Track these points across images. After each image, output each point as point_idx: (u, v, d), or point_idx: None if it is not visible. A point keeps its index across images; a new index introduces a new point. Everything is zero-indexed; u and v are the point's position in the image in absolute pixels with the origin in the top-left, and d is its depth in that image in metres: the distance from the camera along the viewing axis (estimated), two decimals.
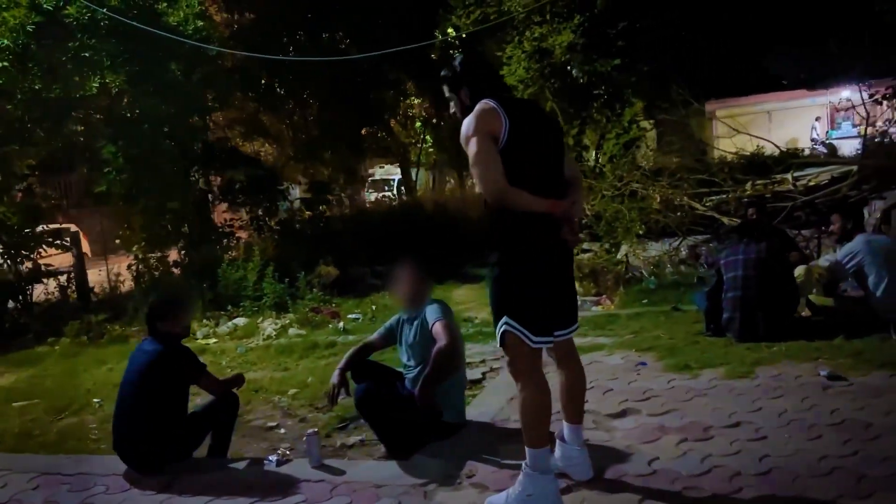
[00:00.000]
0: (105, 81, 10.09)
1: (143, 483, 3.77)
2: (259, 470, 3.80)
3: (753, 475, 3.14)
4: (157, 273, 11.79)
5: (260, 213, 14.00)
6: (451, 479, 3.45)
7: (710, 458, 3.36)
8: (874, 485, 2.93)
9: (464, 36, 18.25)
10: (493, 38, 12.76)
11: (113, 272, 12.69)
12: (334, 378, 4.12)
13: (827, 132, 23.73)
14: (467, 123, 3.00)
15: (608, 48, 11.67)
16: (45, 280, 10.95)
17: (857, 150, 11.77)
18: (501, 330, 3.04)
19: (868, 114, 8.73)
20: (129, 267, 12.31)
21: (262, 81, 14.07)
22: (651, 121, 13.82)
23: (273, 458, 3.88)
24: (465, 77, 3.18)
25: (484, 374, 5.75)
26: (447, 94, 3.32)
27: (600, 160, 11.88)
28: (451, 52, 19.06)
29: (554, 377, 3.27)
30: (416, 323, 4.07)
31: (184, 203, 12.02)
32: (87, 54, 9.70)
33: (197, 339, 8.37)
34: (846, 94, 27.18)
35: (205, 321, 8.80)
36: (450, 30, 19.47)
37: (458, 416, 4.06)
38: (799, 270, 5.53)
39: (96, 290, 12.58)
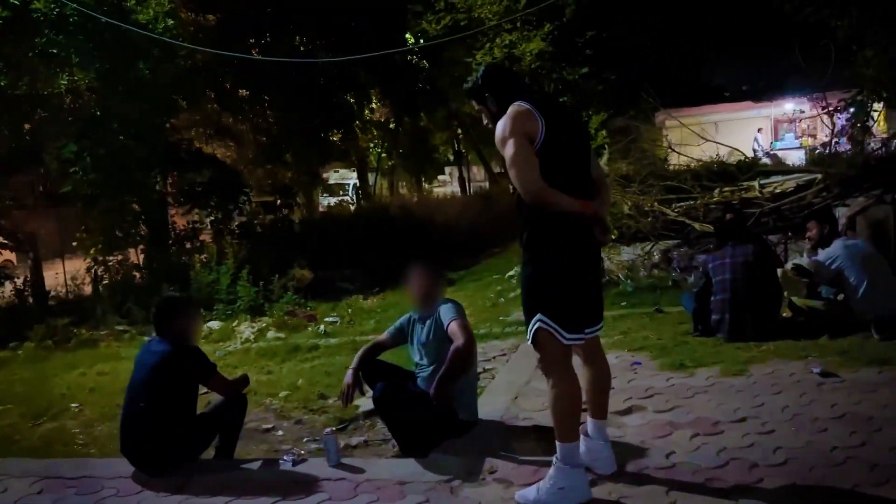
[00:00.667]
0: (74, 79, 9.81)
1: (155, 485, 3.70)
2: (275, 470, 3.77)
3: (771, 466, 3.26)
4: (118, 276, 11.54)
5: (220, 216, 13.82)
6: (473, 475, 3.49)
7: (725, 451, 3.47)
8: (887, 472, 3.08)
9: (421, 42, 18.41)
10: (462, 44, 12.87)
11: (58, 274, 12.39)
12: (348, 378, 4.11)
13: (771, 143, 24.61)
14: (502, 125, 3.06)
15: (576, 57, 11.92)
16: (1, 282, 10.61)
17: (801, 160, 12.24)
18: (535, 327, 3.09)
19: (833, 126, 9.08)
20: (88, 270, 12.01)
21: (227, 85, 13.85)
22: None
23: (289, 457, 3.86)
24: (488, 86, 3.25)
25: (478, 374, 5.78)
26: (476, 107, 3.40)
27: None
28: (409, 57, 19.18)
29: (579, 373, 3.33)
30: (428, 322, 4.10)
31: (147, 204, 11.78)
32: (54, 51, 9.41)
33: None
34: (790, 106, 28.33)
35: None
36: (408, 35, 19.58)
37: (471, 415, 4.10)
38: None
39: (53, 293, 12.25)
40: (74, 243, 12.75)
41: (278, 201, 16.19)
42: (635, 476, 3.31)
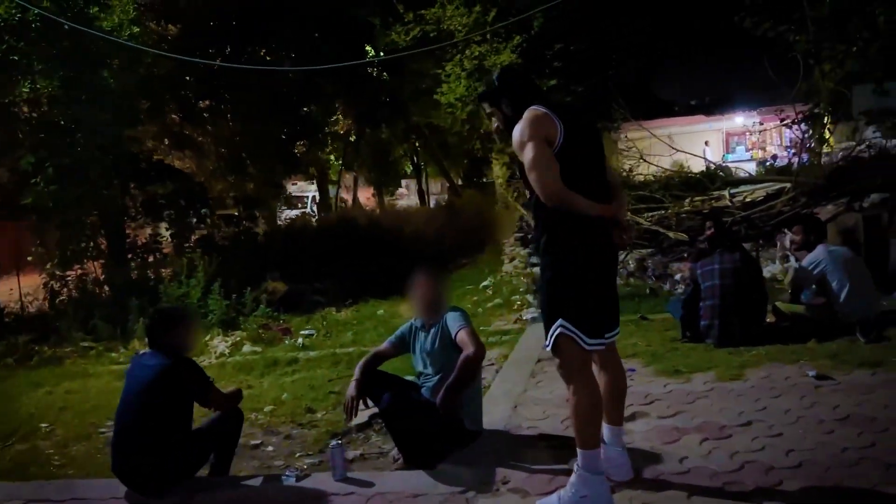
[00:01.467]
0: (35, 86, 9.46)
1: None
2: (279, 486, 3.63)
3: (787, 468, 3.27)
4: (76, 292, 11.16)
5: (179, 229, 13.51)
6: (487, 486, 3.42)
7: (738, 454, 3.47)
8: None
9: (381, 55, 18.37)
10: (432, 56, 12.88)
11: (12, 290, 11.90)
12: (352, 390, 4.00)
13: (723, 156, 25.27)
14: (521, 129, 3.02)
15: (544, 69, 12.03)
16: None
17: (752, 173, 12.49)
18: (556, 333, 3.04)
19: (800, 138, 9.31)
20: (44, 285, 11.59)
21: (190, 94, 13.58)
22: None
23: (291, 472, 3.72)
24: (504, 89, 3.22)
25: (483, 384, 5.73)
26: (488, 111, 3.36)
27: None
28: (371, 70, 19.14)
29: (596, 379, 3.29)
30: (433, 330, 4.02)
31: (107, 217, 11.44)
32: (15, 57, 9.07)
33: None
34: (741, 120, 29.17)
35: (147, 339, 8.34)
36: (368, 48, 19.55)
37: (477, 425, 4.04)
38: None
39: (7, 309, 11.76)
40: (30, 258, 12.30)
41: (237, 214, 15.94)
42: (653, 482, 3.28)
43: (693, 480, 3.26)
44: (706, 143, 25.50)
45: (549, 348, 3.12)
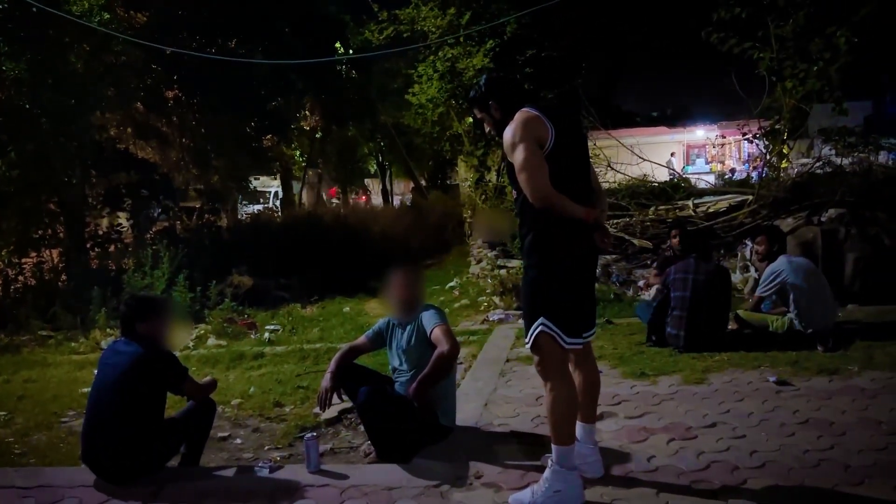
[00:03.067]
0: (1, 69, 9.21)
1: (123, 494, 3.49)
2: (253, 477, 3.62)
3: (751, 468, 3.39)
4: (33, 280, 10.90)
5: (139, 220, 13.29)
6: (460, 480, 3.47)
7: (704, 454, 3.59)
8: (861, 473, 3.25)
9: (351, 52, 18.32)
10: (404, 56, 12.89)
11: None
12: (326, 382, 4.01)
13: (683, 167, 25.75)
14: (512, 131, 3.07)
15: (516, 74, 12.13)
16: None
17: (711, 183, 12.78)
18: (537, 331, 3.11)
19: (764, 153, 9.56)
20: None
21: (158, 84, 13.36)
22: None
23: (265, 464, 3.72)
24: (493, 93, 3.27)
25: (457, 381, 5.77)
26: (478, 115, 3.41)
27: (502, 181, 12.29)
28: (339, 67, 19.10)
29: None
30: (409, 328, 4.06)
31: (68, 205, 11.20)
32: None
33: (102, 348, 7.81)
34: (701, 133, 29.80)
35: (108, 330, 8.22)
36: (337, 45, 19.49)
37: (450, 421, 4.09)
38: None
39: None
40: None
41: (200, 206, 15.73)
42: (623, 479, 3.37)
43: (661, 478, 3.36)
44: (672, 154, 25.94)
45: (528, 345, 3.19)
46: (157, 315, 3.85)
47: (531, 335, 3.14)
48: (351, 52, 18.83)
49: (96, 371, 3.85)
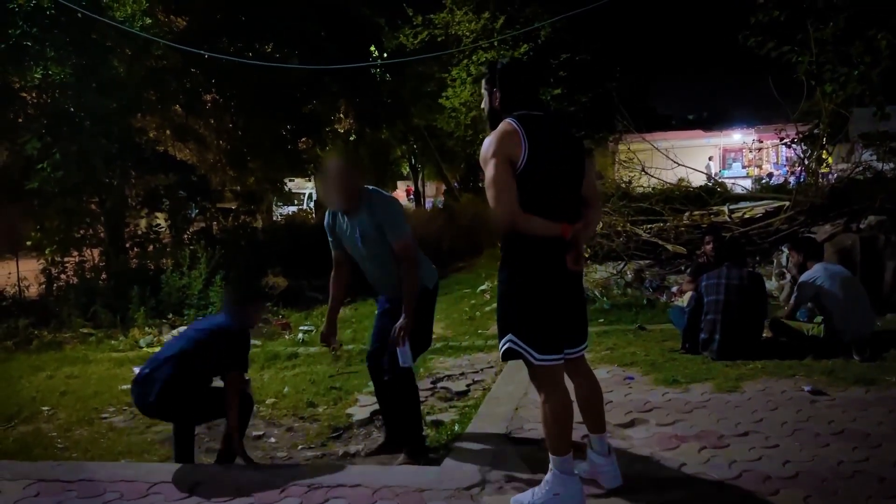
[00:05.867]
0: (48, 73, 9.49)
1: (164, 488, 3.60)
2: (287, 473, 3.71)
3: (783, 478, 3.37)
4: (75, 278, 11.17)
5: (176, 220, 13.54)
6: (492, 484, 3.50)
7: (736, 463, 3.57)
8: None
9: (385, 55, 18.43)
10: (438, 60, 12.98)
11: (10, 273, 11.86)
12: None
13: (719, 171, 25.44)
14: (488, 144, 3.05)
15: (550, 77, 12.15)
16: None
17: (747, 190, 12.65)
18: (505, 347, 3.15)
19: (802, 157, 9.44)
20: (43, 270, 11.59)
21: (197, 87, 13.62)
22: None
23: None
24: (502, 81, 3.22)
25: (468, 386, 5.82)
26: (483, 90, 3.37)
27: None
28: (374, 71, 19.26)
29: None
30: (361, 216, 3.96)
31: (109, 205, 11.46)
32: (28, 43, 9.11)
33: (141, 347, 8.02)
34: (738, 136, 29.42)
35: (147, 329, 8.41)
36: (372, 48, 19.65)
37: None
38: None
39: (4, 292, 11.74)
40: (29, 242, 12.29)
41: (236, 208, 15.96)
42: (654, 487, 3.37)
43: (692, 487, 3.35)
44: (710, 157, 25.59)
45: (501, 359, 3.26)
46: (257, 303, 4.35)
47: (501, 350, 3.19)
48: (385, 55, 18.99)
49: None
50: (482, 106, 3.38)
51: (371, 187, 4.10)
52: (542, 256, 3.04)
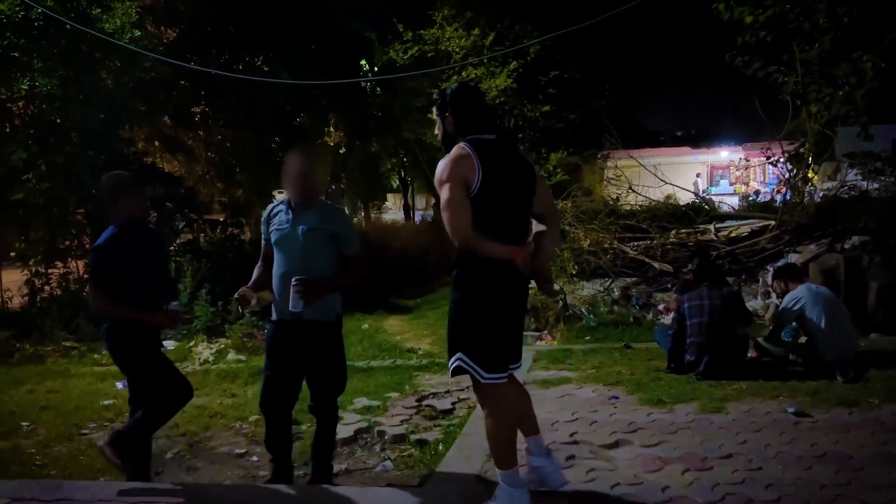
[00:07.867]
0: (35, 84, 9.44)
1: None
2: (258, 493, 3.67)
3: (766, 502, 3.36)
4: (59, 290, 11.07)
5: (164, 232, 13.45)
6: (474, 502, 3.48)
7: (719, 486, 3.56)
8: None
9: (376, 70, 18.49)
10: (427, 75, 13.02)
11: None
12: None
13: (707, 188, 25.60)
14: (442, 167, 3.10)
15: (539, 95, 12.21)
16: None
17: (734, 207, 12.73)
18: (454, 365, 3.18)
19: (787, 176, 9.50)
20: (26, 282, 11.48)
21: (185, 99, 13.59)
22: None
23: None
24: (453, 106, 3.28)
25: (454, 404, 5.80)
26: (435, 116, 3.42)
27: None
28: (364, 84, 19.32)
29: None
30: (310, 214, 3.91)
31: (95, 216, 11.37)
32: (16, 54, 9.07)
33: None
34: (725, 154, 29.62)
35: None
36: (362, 62, 19.72)
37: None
38: None
39: None
40: (13, 253, 12.18)
41: (223, 220, 15.89)
42: None
43: None
44: (698, 175, 25.71)
45: (451, 376, 3.27)
46: (132, 191, 4.11)
47: (450, 368, 3.21)
48: (376, 69, 19.05)
49: None
50: (436, 132, 3.42)
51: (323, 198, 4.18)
52: (494, 278, 3.10)
